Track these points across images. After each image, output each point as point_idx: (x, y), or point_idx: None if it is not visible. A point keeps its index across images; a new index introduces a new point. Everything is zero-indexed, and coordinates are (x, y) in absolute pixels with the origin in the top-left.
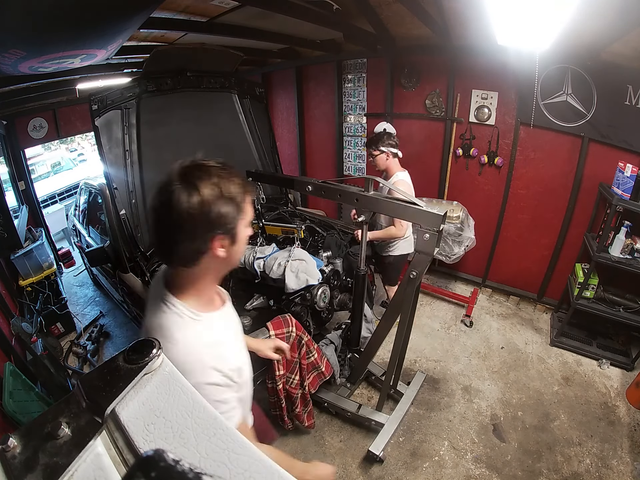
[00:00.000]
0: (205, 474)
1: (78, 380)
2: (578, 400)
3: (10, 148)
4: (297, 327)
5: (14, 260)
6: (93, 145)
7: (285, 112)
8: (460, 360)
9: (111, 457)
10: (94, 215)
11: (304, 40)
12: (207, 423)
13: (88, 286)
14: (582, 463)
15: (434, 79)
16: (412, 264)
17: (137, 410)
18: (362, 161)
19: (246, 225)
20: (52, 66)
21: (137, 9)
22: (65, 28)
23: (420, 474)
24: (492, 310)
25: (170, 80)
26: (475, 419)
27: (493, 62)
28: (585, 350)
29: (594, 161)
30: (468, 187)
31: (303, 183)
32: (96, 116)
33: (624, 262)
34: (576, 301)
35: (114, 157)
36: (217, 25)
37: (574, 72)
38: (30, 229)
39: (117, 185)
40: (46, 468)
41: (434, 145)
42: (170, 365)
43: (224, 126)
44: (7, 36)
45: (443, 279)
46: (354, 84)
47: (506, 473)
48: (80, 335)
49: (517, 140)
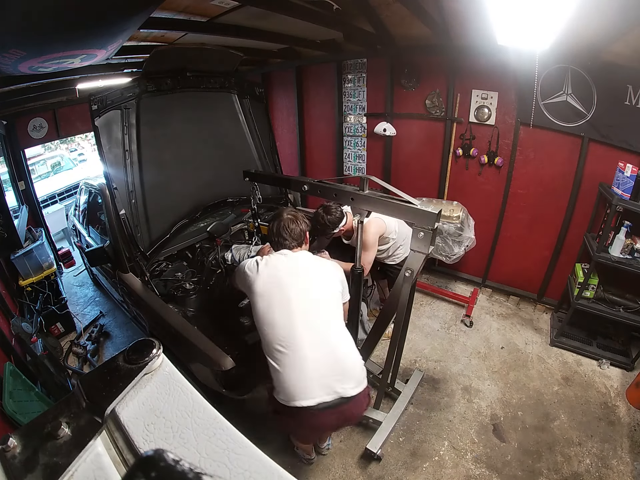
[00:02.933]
0: (205, 474)
1: (78, 380)
2: (578, 400)
3: (10, 148)
4: None
5: (14, 260)
6: (93, 145)
7: (285, 112)
8: (460, 360)
9: (111, 457)
10: (94, 215)
11: (304, 40)
12: (207, 423)
13: (88, 286)
14: (582, 463)
15: (434, 79)
16: (407, 262)
17: (137, 410)
18: (362, 161)
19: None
20: (52, 66)
21: (137, 9)
22: (65, 28)
23: (420, 474)
24: (492, 310)
25: (170, 80)
26: (475, 419)
27: (493, 62)
28: (585, 350)
29: (594, 161)
30: (468, 187)
31: (299, 183)
32: (96, 116)
33: (624, 262)
34: (576, 301)
35: (113, 157)
36: (217, 25)
37: (574, 72)
38: (30, 229)
39: (117, 185)
40: (46, 468)
41: (434, 145)
42: (170, 365)
43: (223, 126)
44: (7, 36)
45: (443, 279)
46: (354, 84)
47: (506, 473)
48: (80, 335)
49: (517, 140)
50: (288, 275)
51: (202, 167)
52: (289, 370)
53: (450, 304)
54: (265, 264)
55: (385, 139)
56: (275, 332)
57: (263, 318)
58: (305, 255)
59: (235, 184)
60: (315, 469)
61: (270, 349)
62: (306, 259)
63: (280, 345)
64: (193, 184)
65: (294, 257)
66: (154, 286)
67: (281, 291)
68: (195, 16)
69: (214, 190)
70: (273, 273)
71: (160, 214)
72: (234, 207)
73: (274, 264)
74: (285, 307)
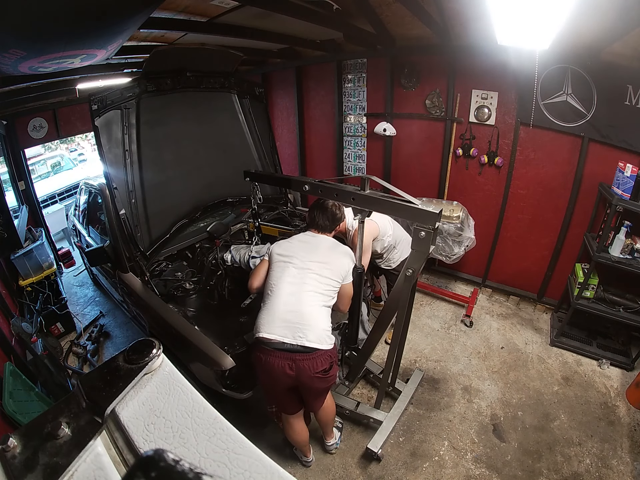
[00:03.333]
0: (205, 474)
1: (78, 380)
2: (578, 400)
3: (10, 148)
4: None
5: (14, 260)
6: (93, 145)
7: (285, 112)
8: (460, 360)
9: (111, 457)
10: (94, 215)
11: (304, 40)
12: (207, 423)
13: (88, 286)
14: (582, 463)
15: (434, 79)
16: (408, 262)
17: (137, 410)
18: (362, 161)
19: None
20: (52, 66)
21: (137, 9)
22: (65, 28)
23: (420, 474)
24: (492, 310)
25: (170, 80)
26: (475, 419)
27: (493, 62)
28: (585, 350)
29: (594, 161)
30: (468, 187)
31: (300, 182)
32: (96, 116)
33: (624, 262)
34: (576, 301)
35: (113, 157)
36: (217, 25)
37: (574, 72)
38: (30, 229)
39: (117, 185)
40: (46, 468)
41: (434, 145)
42: (170, 365)
43: (223, 126)
44: (7, 36)
45: (443, 279)
46: (354, 84)
47: (506, 473)
48: (80, 335)
49: (517, 140)
50: (300, 249)
51: (202, 167)
52: (265, 309)
53: (450, 304)
54: (279, 244)
55: (385, 139)
56: (270, 281)
57: (269, 275)
58: (326, 238)
59: (235, 184)
60: (315, 469)
61: (264, 295)
62: (324, 240)
63: (269, 290)
64: (193, 184)
65: (312, 238)
66: (154, 286)
67: (288, 258)
68: (195, 16)
69: (214, 190)
70: (288, 246)
71: (160, 214)
72: (233, 207)
73: (294, 238)
74: (282, 267)
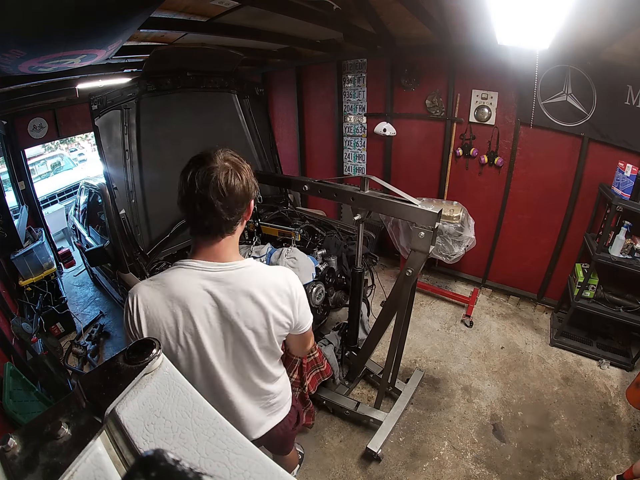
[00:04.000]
0: (205, 474)
1: (78, 380)
2: (578, 400)
3: (10, 148)
4: None
5: (14, 260)
6: (93, 145)
7: (285, 112)
8: (460, 360)
9: (111, 457)
10: (94, 215)
11: (304, 40)
12: (207, 423)
13: (88, 286)
14: (582, 463)
15: (434, 79)
16: (408, 261)
17: (137, 410)
18: (362, 161)
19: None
20: (52, 66)
21: (137, 9)
22: (66, 28)
23: (420, 474)
24: (492, 310)
25: (170, 80)
26: (475, 419)
27: (493, 62)
28: (585, 350)
29: (594, 161)
30: (468, 187)
31: (300, 182)
32: (96, 116)
33: (624, 262)
34: (576, 301)
35: (113, 157)
36: (217, 25)
37: (574, 72)
38: (30, 229)
39: (117, 185)
40: (46, 468)
41: (434, 145)
42: (170, 365)
43: (223, 126)
44: (7, 36)
45: (443, 279)
46: (354, 84)
47: (506, 473)
48: (80, 335)
49: (517, 140)
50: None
51: None
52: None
53: (450, 304)
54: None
55: (385, 139)
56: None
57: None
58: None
59: None
60: (315, 469)
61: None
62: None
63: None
64: None
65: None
66: None
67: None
68: (195, 16)
69: None
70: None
71: (160, 214)
72: None
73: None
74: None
